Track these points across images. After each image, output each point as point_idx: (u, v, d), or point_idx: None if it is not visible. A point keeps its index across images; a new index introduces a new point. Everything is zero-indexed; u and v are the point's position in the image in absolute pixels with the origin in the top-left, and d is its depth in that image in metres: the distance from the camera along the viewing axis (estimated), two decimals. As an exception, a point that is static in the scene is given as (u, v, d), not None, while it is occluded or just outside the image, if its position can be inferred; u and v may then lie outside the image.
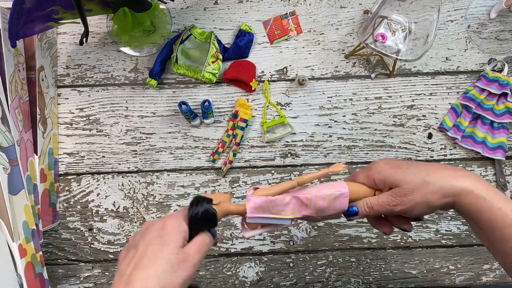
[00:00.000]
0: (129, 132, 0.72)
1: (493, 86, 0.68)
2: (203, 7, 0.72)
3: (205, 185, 0.72)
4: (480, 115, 0.70)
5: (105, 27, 0.71)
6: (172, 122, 0.72)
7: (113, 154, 0.72)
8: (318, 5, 0.72)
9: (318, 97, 0.72)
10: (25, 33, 0.57)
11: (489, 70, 0.70)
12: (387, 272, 0.73)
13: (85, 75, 0.72)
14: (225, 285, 0.72)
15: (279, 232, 0.72)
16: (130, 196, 0.72)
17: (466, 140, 0.71)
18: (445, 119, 0.71)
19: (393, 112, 0.72)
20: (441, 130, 0.72)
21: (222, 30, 0.72)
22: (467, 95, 0.70)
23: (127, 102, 0.72)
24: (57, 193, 0.71)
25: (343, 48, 0.72)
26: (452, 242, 0.72)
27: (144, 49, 0.71)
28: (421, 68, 0.72)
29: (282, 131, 0.71)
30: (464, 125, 0.70)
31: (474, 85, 0.70)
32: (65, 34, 0.72)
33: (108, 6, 0.59)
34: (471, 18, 0.72)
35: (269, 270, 0.72)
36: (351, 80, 0.72)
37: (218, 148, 0.71)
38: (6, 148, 0.58)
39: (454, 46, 0.72)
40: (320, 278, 0.72)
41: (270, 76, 0.72)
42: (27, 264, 0.60)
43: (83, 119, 0.72)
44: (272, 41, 0.71)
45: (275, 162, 0.72)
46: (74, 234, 0.72)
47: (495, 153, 0.69)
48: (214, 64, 0.68)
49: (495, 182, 0.72)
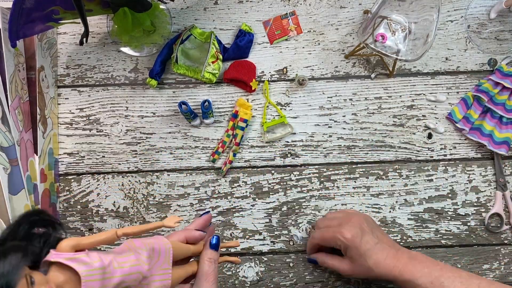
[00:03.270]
0: (129, 132, 0.72)
1: (507, 81, 0.68)
2: (203, 7, 0.72)
3: (205, 185, 0.72)
4: (490, 109, 0.70)
5: (105, 27, 0.71)
6: (172, 122, 0.72)
7: (113, 154, 0.72)
8: (318, 5, 0.72)
9: (318, 97, 0.72)
10: (25, 33, 0.57)
11: (504, 65, 0.70)
12: (387, 272, 0.73)
13: (85, 75, 0.72)
14: (225, 285, 0.72)
15: (279, 232, 0.72)
16: (130, 196, 0.72)
17: (473, 132, 0.71)
18: (454, 109, 0.71)
19: (393, 112, 0.72)
20: (448, 120, 0.71)
21: (222, 30, 0.72)
22: (480, 88, 0.70)
23: (127, 102, 0.72)
24: (57, 193, 0.71)
25: (343, 48, 0.72)
26: (452, 242, 0.72)
27: (144, 49, 0.71)
28: (421, 68, 0.72)
29: (282, 131, 0.71)
30: (473, 117, 0.70)
31: (488, 79, 0.70)
32: (65, 34, 0.72)
33: (108, 6, 0.59)
34: (471, 18, 0.72)
35: (269, 270, 0.72)
36: (351, 80, 0.72)
37: (218, 148, 0.71)
38: (6, 148, 0.58)
39: (454, 46, 0.72)
40: (320, 278, 0.72)
41: (270, 76, 0.72)
42: (27, 264, 0.60)
43: (83, 119, 0.72)
44: (272, 41, 0.72)
45: (275, 162, 0.72)
46: (74, 234, 0.72)
47: (500, 147, 0.69)
48: (214, 64, 0.68)
49: (495, 182, 0.72)
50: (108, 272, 0.37)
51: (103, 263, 0.37)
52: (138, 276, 0.40)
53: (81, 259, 0.36)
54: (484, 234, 0.72)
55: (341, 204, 0.72)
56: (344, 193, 0.72)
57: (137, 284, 0.41)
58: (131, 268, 0.40)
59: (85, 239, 0.39)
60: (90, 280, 0.36)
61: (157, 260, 0.43)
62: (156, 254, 0.43)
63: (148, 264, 0.41)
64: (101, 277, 0.37)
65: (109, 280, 0.37)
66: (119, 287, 0.38)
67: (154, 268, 0.42)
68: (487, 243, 0.72)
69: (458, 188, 0.72)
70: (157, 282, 0.43)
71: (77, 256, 0.36)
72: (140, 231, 0.41)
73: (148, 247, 0.42)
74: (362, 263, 0.57)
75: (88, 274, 0.36)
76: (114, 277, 0.38)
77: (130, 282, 0.40)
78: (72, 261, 0.36)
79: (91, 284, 0.36)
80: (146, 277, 0.41)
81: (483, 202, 0.72)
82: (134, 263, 0.40)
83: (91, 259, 0.37)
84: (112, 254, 0.40)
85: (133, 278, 0.40)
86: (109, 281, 0.37)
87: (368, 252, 0.57)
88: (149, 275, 0.42)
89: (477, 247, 0.72)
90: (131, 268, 0.40)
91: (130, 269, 0.39)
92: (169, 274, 0.44)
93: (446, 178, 0.72)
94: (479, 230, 0.72)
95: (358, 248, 0.57)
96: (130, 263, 0.40)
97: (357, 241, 0.57)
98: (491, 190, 0.72)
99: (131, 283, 0.40)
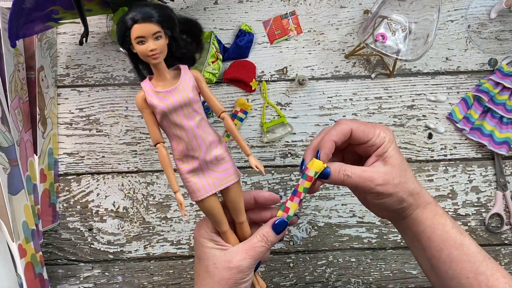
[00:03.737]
0: (129, 132, 0.72)
1: (508, 81, 0.68)
2: (203, 7, 0.72)
3: (205, 185, 0.72)
4: (490, 109, 0.70)
5: (105, 27, 0.71)
6: (172, 122, 0.72)
7: (113, 154, 0.72)
8: (318, 5, 0.72)
9: (318, 97, 0.72)
10: (25, 33, 0.57)
11: (504, 65, 0.69)
12: (387, 272, 0.73)
13: (85, 75, 0.72)
14: (225, 285, 0.72)
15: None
16: (130, 196, 0.72)
17: (473, 132, 0.71)
18: (455, 109, 0.71)
19: (393, 112, 0.72)
20: (448, 120, 0.71)
21: (222, 30, 0.72)
22: (480, 88, 0.69)
23: (127, 102, 0.72)
24: (57, 193, 0.71)
25: (343, 48, 0.72)
26: (452, 242, 0.72)
27: (144, 49, 0.71)
28: (421, 68, 0.72)
29: (282, 131, 0.71)
30: (474, 117, 0.70)
31: (488, 79, 0.70)
32: (65, 34, 0.72)
33: (108, 6, 0.59)
34: (471, 18, 0.71)
35: (269, 270, 0.72)
36: (351, 80, 0.72)
37: (218, 148, 0.71)
38: (6, 148, 0.58)
39: (454, 46, 0.72)
40: (320, 278, 0.72)
41: (270, 76, 0.72)
42: (27, 264, 0.60)
43: (83, 119, 0.72)
44: (272, 41, 0.71)
45: (275, 162, 0.72)
46: (74, 234, 0.72)
47: (501, 148, 0.69)
48: (214, 64, 0.68)
49: (495, 182, 0.72)
50: (189, 110, 0.43)
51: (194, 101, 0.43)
52: (196, 148, 0.44)
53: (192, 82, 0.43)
54: (484, 234, 0.72)
55: (341, 204, 0.72)
56: (344, 193, 0.72)
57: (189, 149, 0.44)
58: (200, 138, 0.44)
59: (207, 87, 0.45)
60: (177, 92, 0.42)
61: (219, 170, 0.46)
62: (223, 166, 0.46)
63: (210, 160, 0.45)
64: (183, 102, 0.42)
65: (182, 114, 0.43)
66: (182, 129, 0.43)
67: (210, 172, 0.46)
68: (488, 243, 0.72)
69: (459, 188, 0.72)
70: (198, 180, 0.46)
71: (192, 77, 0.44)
72: (235, 135, 0.46)
73: (227, 155, 0.46)
74: (400, 174, 0.44)
75: (181, 89, 0.42)
76: (186, 119, 0.43)
77: (187, 141, 0.44)
78: (187, 76, 0.43)
79: (175, 94, 0.42)
80: (199, 160, 0.45)
81: (484, 202, 0.72)
82: (206, 141, 0.44)
83: (194, 91, 0.43)
84: (205, 117, 0.45)
85: (191, 142, 0.44)
86: (182, 115, 0.43)
87: (408, 168, 0.46)
88: (202, 166, 0.45)
89: (478, 247, 0.72)
90: (200, 138, 0.44)
91: (199, 137, 0.44)
92: (212, 191, 0.46)
93: (446, 178, 0.72)
94: (480, 230, 0.72)
95: (398, 154, 0.46)
96: (205, 136, 0.44)
97: (396, 147, 0.46)
98: (492, 190, 0.72)
99: (187, 142, 0.44)
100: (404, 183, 0.45)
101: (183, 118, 0.42)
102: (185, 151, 0.44)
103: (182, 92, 0.42)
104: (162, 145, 0.44)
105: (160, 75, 0.43)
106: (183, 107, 0.42)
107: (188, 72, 0.43)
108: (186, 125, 0.43)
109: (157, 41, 0.40)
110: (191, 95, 0.42)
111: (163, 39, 0.41)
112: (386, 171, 0.44)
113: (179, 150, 0.44)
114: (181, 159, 0.45)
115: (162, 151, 0.44)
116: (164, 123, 0.43)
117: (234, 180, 0.46)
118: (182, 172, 0.45)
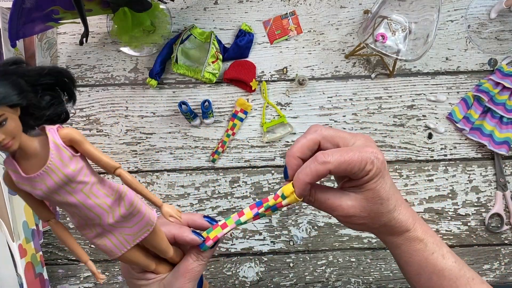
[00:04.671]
0: (129, 132, 0.72)
1: (508, 80, 0.68)
2: (203, 7, 0.72)
3: (205, 185, 0.72)
4: (490, 109, 0.70)
5: (105, 27, 0.71)
6: (172, 122, 0.72)
7: (113, 154, 0.72)
8: (318, 5, 0.72)
9: (318, 97, 0.72)
10: (25, 33, 0.57)
11: (504, 64, 0.70)
12: (387, 272, 0.73)
13: (85, 75, 0.72)
14: (225, 285, 0.72)
15: (279, 232, 0.72)
16: (130, 196, 0.72)
17: (473, 132, 0.71)
18: (455, 109, 0.71)
19: (393, 112, 0.72)
20: (448, 120, 0.71)
21: (222, 30, 0.72)
22: (480, 88, 0.70)
23: (127, 102, 0.72)
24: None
25: (343, 48, 0.72)
26: (452, 242, 0.72)
27: (144, 49, 0.71)
28: (421, 68, 0.72)
29: (282, 131, 0.71)
30: (474, 117, 0.70)
31: (488, 79, 0.70)
32: (65, 34, 0.72)
33: (108, 6, 0.59)
34: (471, 18, 0.72)
35: (269, 270, 0.72)
36: (351, 80, 0.72)
37: (218, 148, 0.71)
38: (6, 148, 0.58)
39: (454, 46, 0.72)
40: (320, 278, 0.72)
41: (270, 76, 0.72)
42: (27, 264, 0.60)
43: (83, 119, 0.72)
44: (272, 41, 0.71)
45: (275, 162, 0.72)
46: (74, 234, 0.72)
47: (501, 147, 0.69)
48: (214, 64, 0.68)
49: (495, 182, 0.72)
50: (72, 186, 0.34)
51: (76, 174, 0.33)
52: (94, 218, 0.36)
53: (65, 153, 0.33)
54: (484, 234, 0.72)
55: (341, 204, 0.72)
56: (344, 193, 0.72)
57: (86, 220, 0.36)
58: (95, 207, 0.35)
59: (89, 146, 0.34)
60: (51, 172, 0.32)
61: (129, 226, 0.39)
62: (133, 220, 0.38)
63: (115, 221, 0.37)
64: (61, 182, 0.33)
65: (65, 191, 0.34)
66: (70, 206, 0.35)
67: (119, 230, 0.38)
68: (488, 243, 0.72)
69: (459, 188, 0.72)
70: (108, 241, 0.38)
71: (64, 148, 0.33)
72: (138, 190, 0.37)
73: (134, 208, 0.37)
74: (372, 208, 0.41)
75: (54, 168, 0.32)
76: (71, 195, 0.34)
77: (82, 215, 0.35)
78: (57, 148, 0.32)
79: (48, 176, 0.32)
80: (102, 226, 0.37)
81: (484, 202, 0.72)
82: (104, 207, 0.36)
83: (72, 161, 0.33)
84: (97, 178, 0.36)
85: (87, 214, 0.35)
86: (65, 192, 0.34)
87: (392, 187, 0.41)
88: (107, 229, 0.37)
89: (478, 247, 0.72)
90: (95, 207, 0.35)
91: (94, 207, 0.35)
92: (126, 248, 0.39)
93: (446, 178, 0.72)
94: (480, 230, 0.72)
95: (386, 179, 0.40)
96: (100, 202, 0.35)
97: (386, 170, 0.41)
98: (492, 190, 0.72)
99: (81, 215, 0.36)
100: (374, 217, 0.41)
101: (67, 195, 0.34)
102: (83, 221, 0.37)
103: (57, 171, 0.33)
104: (53, 222, 0.37)
105: (25, 153, 0.32)
106: (64, 186, 0.34)
107: (57, 139, 0.33)
108: (73, 201, 0.34)
109: (3, 127, 0.30)
110: (68, 170, 0.33)
111: (11, 119, 0.30)
112: (354, 205, 0.40)
113: (76, 221, 0.37)
114: (82, 227, 0.38)
115: (55, 229, 0.37)
116: (48, 200, 0.35)
117: (149, 230, 0.40)
118: (88, 238, 0.39)
